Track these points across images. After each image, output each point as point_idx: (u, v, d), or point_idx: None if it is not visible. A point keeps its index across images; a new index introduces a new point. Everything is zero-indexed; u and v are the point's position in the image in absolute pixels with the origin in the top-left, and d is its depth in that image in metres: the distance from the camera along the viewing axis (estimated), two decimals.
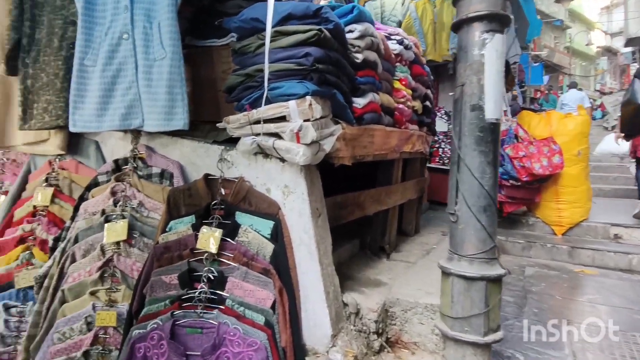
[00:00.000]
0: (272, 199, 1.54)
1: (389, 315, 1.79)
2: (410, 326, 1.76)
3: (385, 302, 1.77)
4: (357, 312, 1.67)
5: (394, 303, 1.78)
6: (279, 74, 1.40)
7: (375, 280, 2.01)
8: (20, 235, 1.99)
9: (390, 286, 1.93)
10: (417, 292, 1.84)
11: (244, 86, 1.49)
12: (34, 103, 1.90)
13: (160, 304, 1.54)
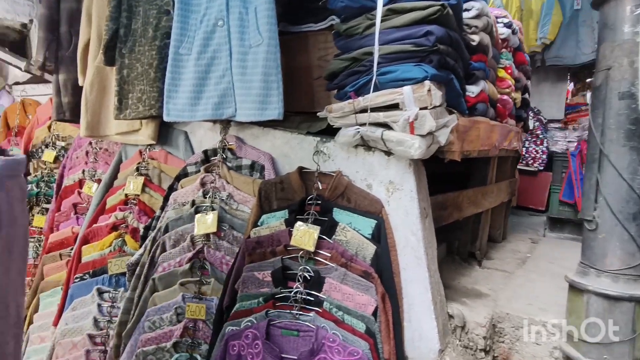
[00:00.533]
0: (374, 195, 1.40)
1: (497, 331, 1.59)
2: (523, 346, 1.54)
3: (492, 317, 1.57)
4: (463, 326, 1.49)
5: (503, 318, 1.57)
6: (391, 56, 1.26)
7: (473, 290, 1.81)
8: (113, 223, 2.04)
9: (493, 298, 1.72)
10: (529, 308, 1.62)
11: (349, 72, 1.37)
12: (129, 93, 1.92)
13: (253, 301, 1.47)
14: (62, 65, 2.27)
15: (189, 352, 1.66)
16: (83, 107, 2.11)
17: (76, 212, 2.41)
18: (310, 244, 1.40)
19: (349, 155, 1.46)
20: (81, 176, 2.43)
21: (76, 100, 2.21)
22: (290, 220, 1.51)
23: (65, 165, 2.56)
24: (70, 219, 2.42)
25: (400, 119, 1.21)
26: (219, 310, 1.56)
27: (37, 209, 2.71)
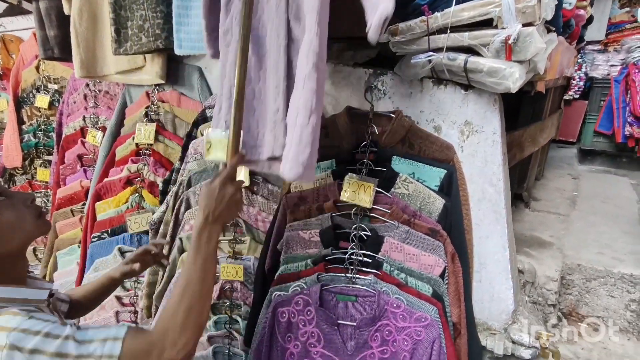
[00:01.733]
0: (445, 140, 1.16)
1: (564, 283, 1.44)
2: (593, 298, 1.41)
3: (562, 269, 1.41)
4: (533, 282, 1.34)
5: (574, 270, 1.42)
6: None
7: (534, 238, 1.65)
8: (127, 177, 1.83)
9: (558, 247, 1.56)
10: (602, 258, 1.46)
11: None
12: (127, 21, 1.59)
13: (301, 264, 1.31)
14: None
15: (227, 314, 1.55)
16: (73, 41, 1.78)
17: (82, 164, 2.19)
18: (367, 200, 1.20)
19: (412, 91, 1.19)
20: (82, 124, 2.16)
21: (64, 32, 1.87)
22: (338, 172, 1.29)
23: (62, 111, 2.28)
24: (77, 172, 2.20)
25: (494, 40, 0.93)
26: (260, 272, 1.40)
27: (39, 162, 2.49)
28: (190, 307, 0.79)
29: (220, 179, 0.86)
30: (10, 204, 0.81)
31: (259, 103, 1.03)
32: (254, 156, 1.04)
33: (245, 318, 1.51)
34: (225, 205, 0.86)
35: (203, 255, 0.84)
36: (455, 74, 1.06)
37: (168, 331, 0.78)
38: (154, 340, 0.76)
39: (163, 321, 0.79)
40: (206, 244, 0.84)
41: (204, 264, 0.83)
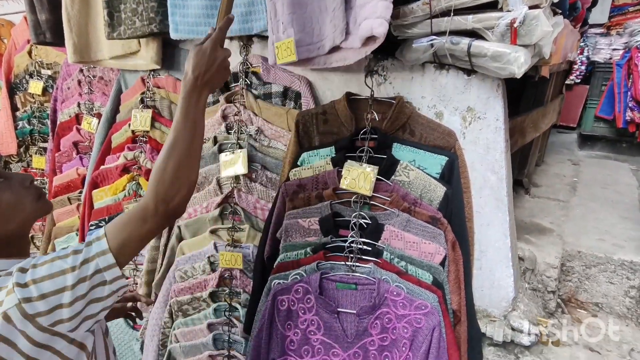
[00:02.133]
0: (446, 127, 1.14)
1: (564, 270, 1.45)
2: (593, 284, 1.41)
3: (563, 256, 1.41)
4: (533, 268, 1.34)
5: (574, 256, 1.42)
6: None
7: (533, 224, 1.64)
8: (124, 164, 1.81)
9: (558, 234, 1.55)
10: (603, 245, 1.46)
11: None
12: (120, 4, 1.54)
13: (300, 252, 1.30)
14: None
15: (226, 301, 1.55)
16: (66, 25, 1.74)
17: (78, 151, 2.16)
18: (367, 187, 1.18)
19: (414, 76, 1.16)
20: (77, 110, 2.12)
21: (56, 17, 1.81)
22: (338, 159, 1.27)
23: (56, 97, 2.24)
24: (73, 159, 2.18)
25: (499, 24, 0.90)
26: (259, 260, 1.40)
27: (34, 149, 2.46)
28: (179, 163, 0.81)
29: (211, 42, 0.85)
30: (8, 186, 0.82)
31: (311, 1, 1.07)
32: (313, 53, 1.09)
33: (244, 305, 1.51)
34: (216, 68, 0.86)
35: (192, 115, 0.83)
36: (458, 59, 1.03)
37: (158, 188, 0.79)
38: (145, 203, 0.79)
39: (152, 182, 0.80)
40: (195, 105, 0.84)
41: (193, 123, 0.83)
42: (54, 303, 0.71)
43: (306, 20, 1.12)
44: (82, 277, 0.72)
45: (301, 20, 1.11)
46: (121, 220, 0.79)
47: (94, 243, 0.76)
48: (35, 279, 0.71)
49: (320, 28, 1.09)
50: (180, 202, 0.82)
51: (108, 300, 0.76)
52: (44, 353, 0.72)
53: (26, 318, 0.69)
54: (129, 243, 0.78)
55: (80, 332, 0.75)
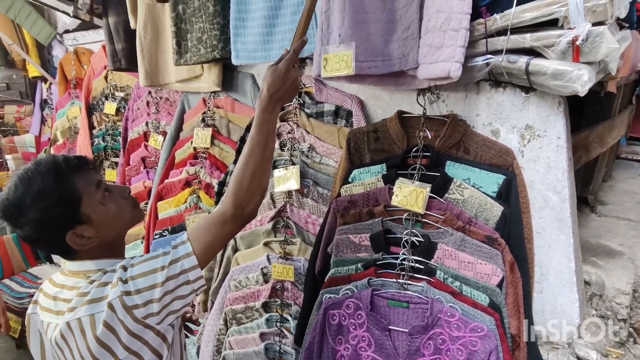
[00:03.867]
0: (503, 145, 1.12)
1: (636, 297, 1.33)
2: None
3: (635, 281, 1.30)
4: (601, 294, 1.25)
5: None
6: None
7: (601, 246, 1.53)
8: (186, 178, 1.94)
9: (630, 258, 1.44)
10: None
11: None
12: (187, 33, 1.69)
13: (351, 267, 1.32)
14: (110, 7, 2.05)
15: (278, 312, 1.60)
16: (139, 53, 1.92)
17: (145, 165, 2.35)
18: (419, 205, 1.18)
19: (468, 94, 1.16)
20: (145, 128, 2.32)
21: (130, 45, 2.02)
22: (389, 176, 1.28)
23: (127, 117, 2.46)
24: (141, 173, 2.37)
25: (560, 42, 0.88)
26: (310, 274, 1.43)
27: (107, 163, 2.71)
28: (254, 171, 0.93)
29: (285, 63, 0.98)
30: (113, 198, 0.97)
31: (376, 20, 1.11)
32: (366, 71, 1.13)
33: (295, 317, 1.55)
34: (288, 87, 0.97)
35: (266, 127, 0.94)
36: (516, 77, 1.01)
37: (236, 194, 0.92)
38: (225, 208, 0.91)
39: (231, 189, 0.93)
40: (269, 118, 0.95)
41: (267, 135, 0.95)
42: (147, 298, 0.83)
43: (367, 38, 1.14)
44: (170, 276, 0.83)
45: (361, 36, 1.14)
46: (202, 225, 0.92)
47: (180, 246, 0.88)
48: (133, 275, 0.84)
49: (382, 50, 1.12)
50: (254, 207, 0.94)
51: (189, 297, 0.88)
52: (135, 342, 0.85)
53: (125, 309, 0.82)
54: (211, 245, 0.90)
55: (164, 325, 0.87)
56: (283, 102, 0.99)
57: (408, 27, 1.05)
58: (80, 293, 0.88)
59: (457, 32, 0.96)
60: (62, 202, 0.89)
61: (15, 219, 0.89)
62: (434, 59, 1.00)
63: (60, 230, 0.90)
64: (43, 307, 0.96)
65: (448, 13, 0.95)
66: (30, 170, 0.91)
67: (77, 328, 0.85)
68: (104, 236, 0.94)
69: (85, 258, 0.95)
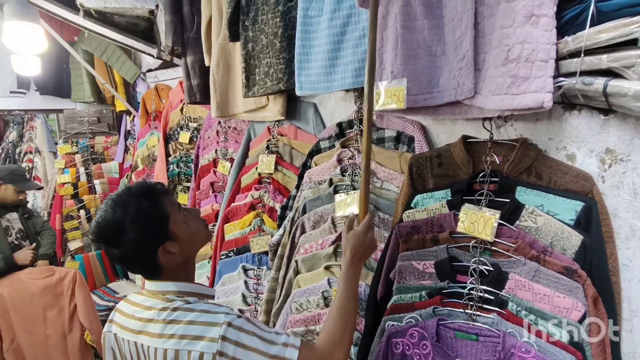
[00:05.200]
0: (580, 170, 1.06)
1: None
2: None
3: None
4: None
5: None
6: None
7: None
8: (251, 202, 2.05)
9: None
10: None
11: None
12: (255, 68, 1.83)
13: (415, 295, 1.29)
14: (188, 48, 2.29)
15: None
16: (212, 87, 2.11)
17: (214, 190, 2.52)
18: (487, 232, 1.14)
19: (538, 118, 1.12)
20: (215, 155, 2.50)
21: (205, 81, 2.23)
22: (454, 202, 1.26)
23: (199, 145, 2.67)
24: (209, 197, 2.54)
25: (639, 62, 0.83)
26: (372, 300, 1.42)
27: (180, 188, 2.94)
28: (344, 326, 1.07)
29: (363, 228, 1.12)
30: (191, 217, 1.10)
31: (430, 53, 1.16)
32: (420, 104, 1.18)
33: (356, 344, 1.53)
34: (367, 247, 1.13)
35: (351, 286, 1.10)
36: (592, 99, 0.96)
37: (330, 346, 1.04)
38: (319, 353, 1.02)
39: (325, 339, 1.05)
40: (353, 277, 1.11)
41: (352, 292, 1.10)
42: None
43: (420, 71, 1.18)
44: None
45: (415, 71, 1.18)
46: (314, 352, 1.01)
47: (289, 348, 0.95)
48: (237, 341, 0.91)
49: (432, 81, 1.14)
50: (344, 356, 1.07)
51: None
52: None
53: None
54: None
55: None
56: (364, 259, 1.16)
57: (463, 58, 1.06)
58: (167, 320, 0.95)
59: (546, 62, 0.94)
60: (156, 221, 1.01)
61: (115, 239, 1.01)
62: (520, 90, 0.97)
63: (153, 247, 1.01)
64: (120, 325, 1.05)
65: (534, 44, 0.94)
66: (124, 194, 1.03)
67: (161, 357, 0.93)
68: (186, 252, 1.06)
69: (167, 279, 1.05)
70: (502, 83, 0.99)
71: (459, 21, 1.10)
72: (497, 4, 1.01)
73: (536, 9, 0.92)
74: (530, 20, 0.93)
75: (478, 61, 1.08)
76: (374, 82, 1.20)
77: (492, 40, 1.04)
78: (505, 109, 1.00)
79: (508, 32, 0.97)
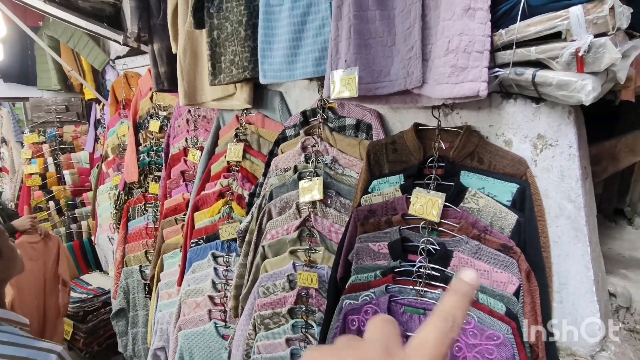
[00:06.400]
0: (516, 154, 1.14)
1: None
2: None
3: None
4: (628, 307, 1.22)
5: None
6: None
7: (633, 259, 1.48)
8: (220, 190, 2.08)
9: None
10: None
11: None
12: (221, 56, 1.84)
13: (370, 274, 1.37)
14: (155, 35, 2.27)
15: (303, 319, 1.66)
16: (179, 75, 2.11)
17: (184, 179, 2.52)
18: (434, 214, 1.22)
19: (480, 106, 1.20)
20: (185, 144, 2.51)
21: (172, 69, 2.22)
22: (406, 186, 1.33)
23: (169, 134, 2.67)
24: (180, 186, 2.55)
25: (563, 53, 0.91)
26: (333, 281, 1.49)
27: (151, 177, 2.93)
28: None
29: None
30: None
31: (381, 43, 1.20)
32: (373, 92, 1.21)
33: (319, 324, 1.61)
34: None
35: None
36: (524, 88, 1.04)
37: None
38: None
39: None
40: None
41: None
42: None
43: (372, 61, 1.23)
44: None
45: (367, 60, 1.23)
46: None
47: None
48: None
49: (387, 71, 1.19)
50: None
51: None
52: None
53: None
54: None
55: None
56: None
57: (411, 48, 1.12)
58: None
59: (481, 53, 1.00)
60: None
61: None
62: (459, 79, 1.03)
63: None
64: None
65: (471, 36, 1.00)
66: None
67: None
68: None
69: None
70: (444, 73, 1.06)
71: (407, 12, 1.16)
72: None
73: (473, 2, 0.99)
74: (468, 13, 0.99)
75: (425, 52, 1.14)
76: (330, 71, 1.25)
77: (437, 32, 1.10)
78: (447, 97, 1.07)
79: (449, 25, 1.03)
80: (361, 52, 1.22)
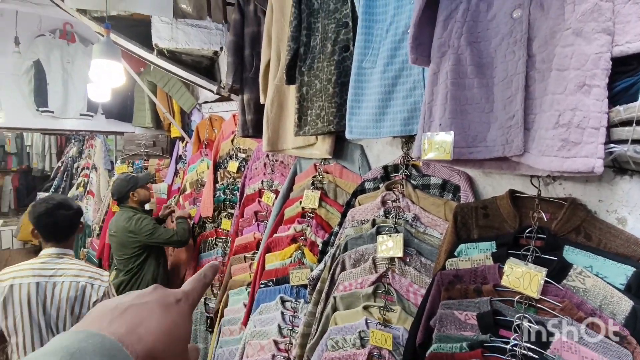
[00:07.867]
0: (632, 234, 1.05)
1: None
2: None
3: None
4: None
5: None
6: None
7: None
8: (293, 235, 2.13)
9: None
10: None
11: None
12: (308, 110, 1.95)
13: (455, 345, 1.29)
14: (246, 86, 2.48)
15: None
16: (265, 123, 2.26)
17: (257, 219, 2.63)
18: (533, 289, 1.14)
19: (588, 179, 1.13)
20: (260, 186, 2.63)
21: (258, 117, 2.39)
22: (499, 255, 1.27)
23: (246, 175, 2.82)
24: (252, 225, 2.66)
25: None
26: (411, 346, 1.43)
27: (224, 214, 3.09)
28: None
29: None
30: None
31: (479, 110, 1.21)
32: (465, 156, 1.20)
33: None
34: None
35: None
36: None
37: None
38: None
39: None
40: None
41: None
42: None
43: (468, 126, 1.23)
44: None
45: (462, 125, 1.23)
46: None
47: None
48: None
49: (478, 136, 1.19)
50: None
51: None
52: None
53: None
54: None
55: None
56: None
57: (512, 117, 1.11)
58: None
59: (597, 130, 0.97)
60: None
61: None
62: (571, 154, 0.99)
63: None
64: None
65: (586, 112, 0.97)
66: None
67: None
68: None
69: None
70: (552, 145, 1.03)
71: (509, 82, 1.16)
72: (549, 70, 1.07)
73: (588, 79, 0.97)
74: (582, 89, 0.97)
75: (527, 121, 1.12)
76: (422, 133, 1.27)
77: (542, 103, 1.08)
78: (554, 170, 1.03)
79: (559, 99, 1.01)
80: (457, 117, 1.23)
